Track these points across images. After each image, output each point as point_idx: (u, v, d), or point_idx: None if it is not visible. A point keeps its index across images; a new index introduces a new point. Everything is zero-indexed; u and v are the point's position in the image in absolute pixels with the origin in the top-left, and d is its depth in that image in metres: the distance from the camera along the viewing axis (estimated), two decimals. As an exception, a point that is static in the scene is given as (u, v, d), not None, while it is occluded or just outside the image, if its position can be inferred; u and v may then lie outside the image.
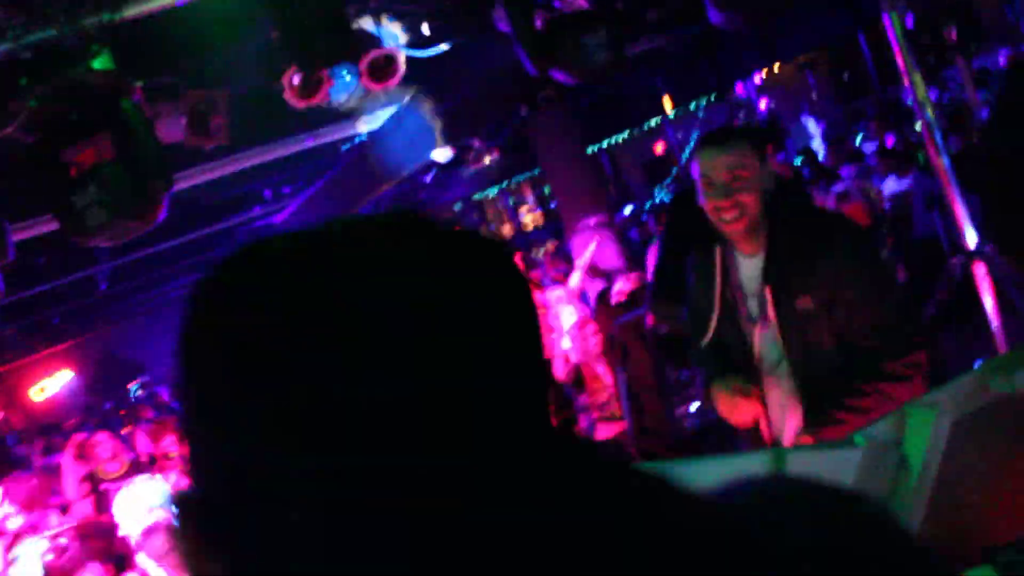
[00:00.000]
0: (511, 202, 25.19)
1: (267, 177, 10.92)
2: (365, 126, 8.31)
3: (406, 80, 4.88)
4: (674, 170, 19.22)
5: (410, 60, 4.82)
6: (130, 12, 3.32)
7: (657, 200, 17.49)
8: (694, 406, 4.60)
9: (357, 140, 9.76)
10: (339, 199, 12.88)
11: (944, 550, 1.83)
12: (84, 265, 10.84)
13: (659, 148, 21.87)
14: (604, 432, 5.31)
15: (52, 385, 21.55)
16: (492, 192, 25.41)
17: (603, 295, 5.86)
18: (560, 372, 5.64)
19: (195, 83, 4.63)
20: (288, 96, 4.42)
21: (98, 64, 3.31)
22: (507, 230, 27.58)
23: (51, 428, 15.55)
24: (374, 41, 4.65)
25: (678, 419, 4.59)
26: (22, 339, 16.06)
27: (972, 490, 1.93)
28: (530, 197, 24.33)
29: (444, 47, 5.06)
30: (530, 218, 24.73)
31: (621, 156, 21.42)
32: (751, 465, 1.86)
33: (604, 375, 5.30)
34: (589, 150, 19.73)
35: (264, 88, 4.85)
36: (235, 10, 4.35)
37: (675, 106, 15.15)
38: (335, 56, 4.09)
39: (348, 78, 4.39)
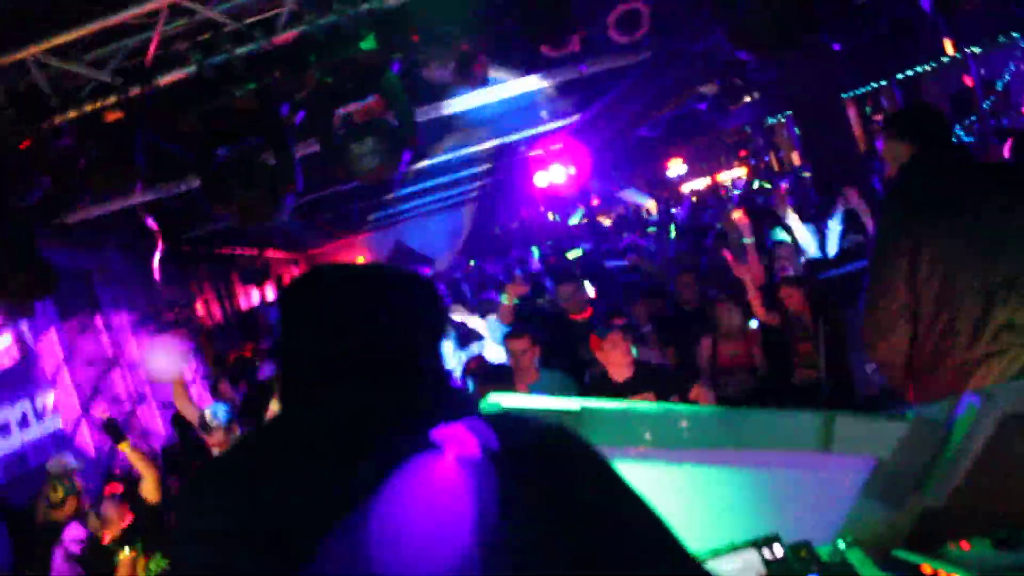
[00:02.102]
0: (797, 131, 24.42)
1: (544, 101, 11.66)
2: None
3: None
4: (984, 104, 17.70)
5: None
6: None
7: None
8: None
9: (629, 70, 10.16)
10: (616, 120, 13.43)
11: (958, 518, 2.15)
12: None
13: (968, 81, 20.15)
14: (802, 379, 5.64)
15: (352, 270, 23.87)
16: (781, 118, 24.81)
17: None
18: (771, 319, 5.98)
19: (464, 31, 5.27)
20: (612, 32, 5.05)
21: (365, 45, 4.07)
22: (795, 158, 26.83)
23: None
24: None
25: (869, 375, 4.80)
26: (329, 228, 18.15)
27: (1004, 479, 2.21)
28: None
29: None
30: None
31: (926, 88, 19.98)
32: (806, 421, 2.26)
33: (811, 325, 5.59)
34: (873, 84, 18.62)
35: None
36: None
37: (957, 49, 14.03)
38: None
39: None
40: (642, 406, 2.53)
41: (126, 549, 5.31)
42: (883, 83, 19.70)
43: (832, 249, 6.34)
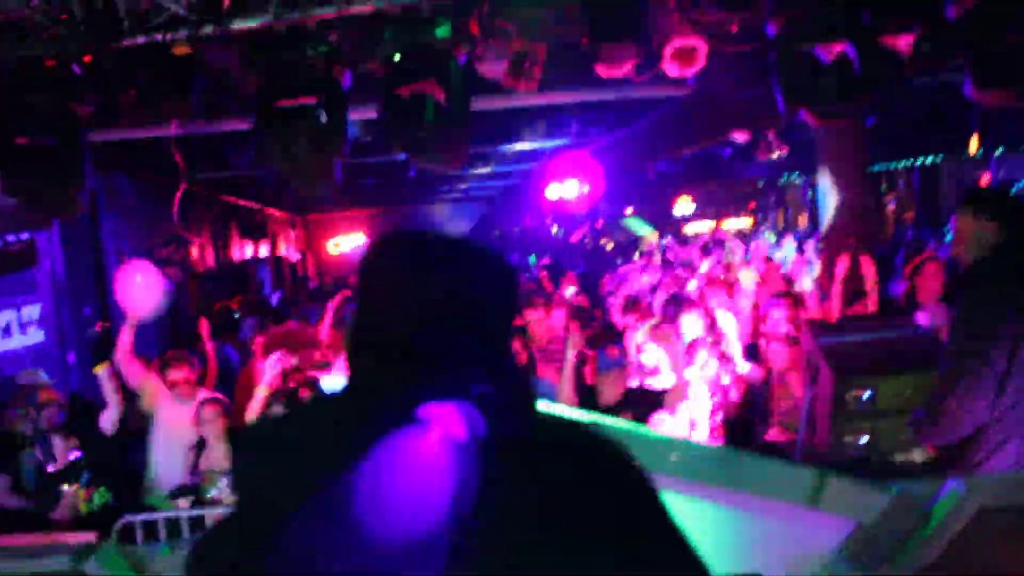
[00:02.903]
0: (809, 194, 24.62)
1: (578, 114, 11.78)
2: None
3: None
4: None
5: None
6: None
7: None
8: (864, 438, 4.89)
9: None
10: (641, 150, 13.51)
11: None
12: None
13: (985, 179, 20.32)
14: (777, 436, 5.73)
15: (345, 244, 23.97)
16: (796, 179, 25.01)
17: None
18: (755, 374, 6.10)
19: (524, 31, 5.32)
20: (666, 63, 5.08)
21: (440, 32, 4.16)
22: (802, 220, 27.05)
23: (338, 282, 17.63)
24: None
25: (845, 445, 4.89)
26: (335, 197, 18.19)
27: (972, 565, 2.30)
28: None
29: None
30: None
31: (944, 176, 20.12)
32: (798, 476, 2.36)
33: (795, 386, 5.69)
34: (894, 164, 18.80)
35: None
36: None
37: (980, 147, 14.20)
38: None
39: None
40: (641, 429, 2.62)
41: (67, 484, 5.29)
42: (901, 165, 19.90)
43: None
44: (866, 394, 4.84)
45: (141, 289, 6.11)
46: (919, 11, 4.24)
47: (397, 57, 4.16)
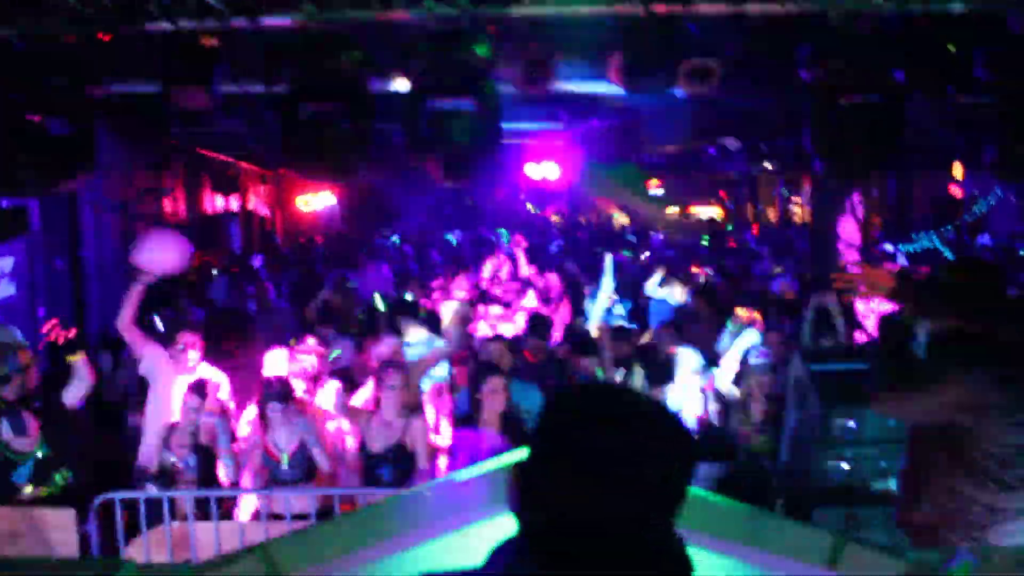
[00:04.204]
0: (785, 192, 24.77)
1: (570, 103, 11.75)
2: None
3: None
4: (965, 218, 18.15)
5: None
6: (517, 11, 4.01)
7: (922, 246, 16.62)
8: (845, 464, 4.99)
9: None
10: (628, 143, 13.47)
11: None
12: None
13: (956, 191, 20.54)
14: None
15: (316, 202, 23.69)
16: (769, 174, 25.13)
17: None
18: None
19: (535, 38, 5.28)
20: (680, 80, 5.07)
21: (479, 49, 4.10)
22: (771, 214, 27.24)
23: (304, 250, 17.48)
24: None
25: (827, 469, 4.99)
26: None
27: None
28: (806, 192, 23.08)
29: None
30: (799, 211, 24.13)
31: (916, 184, 20.25)
32: (818, 537, 2.40)
33: (756, 413, 5.89)
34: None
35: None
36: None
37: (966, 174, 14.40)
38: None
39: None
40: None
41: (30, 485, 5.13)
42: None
43: None
44: (851, 422, 4.94)
45: (168, 250, 6.02)
46: (951, 74, 4.25)
47: (431, 72, 4.08)
